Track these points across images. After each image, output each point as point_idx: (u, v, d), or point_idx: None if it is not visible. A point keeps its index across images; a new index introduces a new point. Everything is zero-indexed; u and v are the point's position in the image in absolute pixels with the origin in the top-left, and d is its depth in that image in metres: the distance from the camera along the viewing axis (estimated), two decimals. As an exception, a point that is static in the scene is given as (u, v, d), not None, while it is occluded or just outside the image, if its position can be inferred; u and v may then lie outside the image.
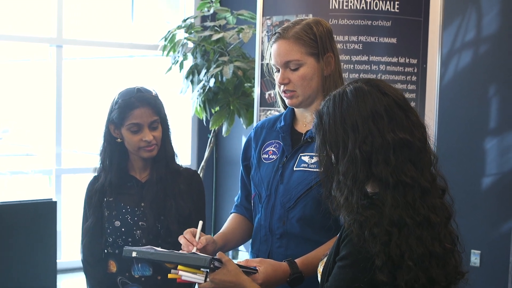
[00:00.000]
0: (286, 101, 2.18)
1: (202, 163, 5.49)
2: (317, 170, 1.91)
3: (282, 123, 2.24)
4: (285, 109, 2.28)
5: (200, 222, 2.09)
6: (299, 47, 2.11)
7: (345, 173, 1.58)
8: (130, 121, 2.32)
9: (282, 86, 2.14)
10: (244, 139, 5.84)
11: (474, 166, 4.88)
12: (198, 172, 5.47)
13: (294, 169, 2.13)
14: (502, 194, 4.71)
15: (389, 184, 1.55)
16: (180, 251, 1.91)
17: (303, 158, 2.14)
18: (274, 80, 2.20)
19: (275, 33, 2.17)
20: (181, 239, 2.04)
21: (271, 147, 2.24)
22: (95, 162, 2.49)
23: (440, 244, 1.56)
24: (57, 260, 5.20)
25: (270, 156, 2.22)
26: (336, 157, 1.62)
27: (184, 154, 6.35)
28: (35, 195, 5.02)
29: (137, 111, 2.32)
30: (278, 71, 2.15)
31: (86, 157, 6.44)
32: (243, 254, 5.89)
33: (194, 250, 1.98)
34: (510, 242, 3.98)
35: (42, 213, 4.89)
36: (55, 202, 5.12)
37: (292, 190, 2.11)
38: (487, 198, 4.82)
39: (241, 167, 2.37)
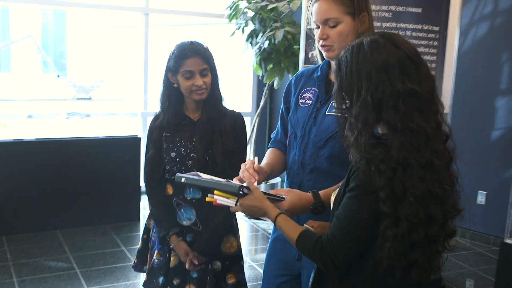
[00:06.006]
0: (324, 53, 2.01)
1: (258, 110, 5.53)
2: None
3: (319, 73, 2.08)
4: (322, 61, 2.11)
5: (256, 158, 1.99)
6: (337, 6, 1.92)
7: (356, 116, 1.43)
8: (184, 68, 2.21)
9: (321, 41, 1.98)
10: (292, 93, 5.74)
11: (485, 121, 4.79)
12: (255, 117, 5.46)
13: (326, 113, 1.98)
14: (507, 145, 4.62)
15: (397, 128, 1.39)
16: (217, 179, 1.80)
17: (334, 104, 1.97)
18: (314, 36, 2.03)
19: None
20: (243, 172, 1.92)
21: (308, 93, 2.09)
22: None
23: (439, 186, 1.41)
24: (140, 184, 5.21)
25: (306, 101, 2.07)
26: (350, 102, 1.47)
27: (245, 103, 6.40)
28: (124, 133, 5.04)
29: (189, 60, 2.21)
30: (318, 27, 1.98)
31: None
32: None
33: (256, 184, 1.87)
34: (511, 184, 3.81)
35: (130, 147, 4.97)
36: (140, 138, 5.18)
37: (323, 132, 1.97)
38: (494, 147, 4.73)
39: (282, 108, 2.22)
